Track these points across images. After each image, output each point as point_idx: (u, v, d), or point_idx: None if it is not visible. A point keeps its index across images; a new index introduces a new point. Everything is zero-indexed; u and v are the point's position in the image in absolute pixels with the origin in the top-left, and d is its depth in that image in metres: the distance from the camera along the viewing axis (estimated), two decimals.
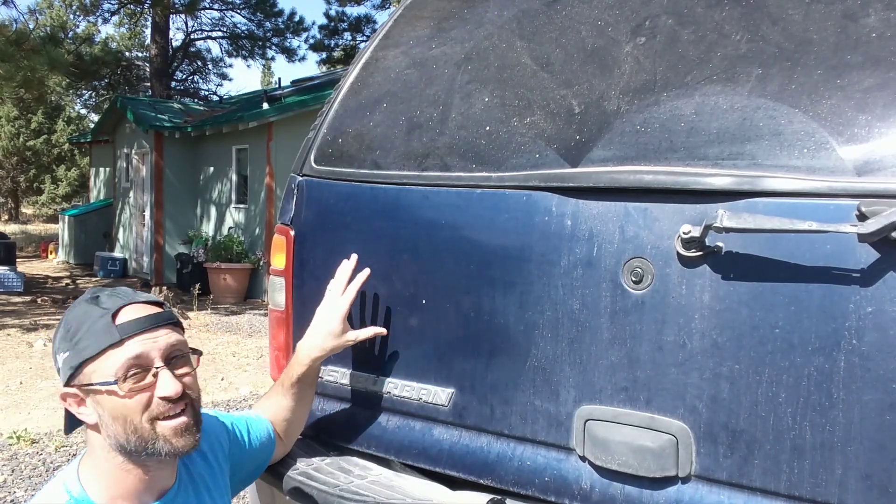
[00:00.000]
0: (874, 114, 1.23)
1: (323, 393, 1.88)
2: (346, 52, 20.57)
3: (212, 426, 1.62)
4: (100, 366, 1.32)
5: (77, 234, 15.38)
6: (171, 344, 1.36)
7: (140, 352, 1.32)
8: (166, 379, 1.33)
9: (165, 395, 1.32)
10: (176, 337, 1.38)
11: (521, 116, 1.60)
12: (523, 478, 1.54)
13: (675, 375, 1.36)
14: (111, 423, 1.32)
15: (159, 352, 1.34)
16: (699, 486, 1.35)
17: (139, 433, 1.31)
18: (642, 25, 1.52)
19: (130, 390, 1.31)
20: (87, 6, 18.21)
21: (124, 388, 1.30)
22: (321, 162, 1.90)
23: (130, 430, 1.31)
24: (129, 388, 1.31)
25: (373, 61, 1.96)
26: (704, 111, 1.37)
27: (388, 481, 1.70)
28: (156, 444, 1.32)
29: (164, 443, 1.32)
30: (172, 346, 1.36)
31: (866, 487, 1.20)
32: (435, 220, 1.67)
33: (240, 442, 1.66)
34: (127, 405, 1.31)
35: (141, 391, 1.31)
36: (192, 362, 1.41)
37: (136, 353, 1.32)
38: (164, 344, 1.35)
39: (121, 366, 1.30)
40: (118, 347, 1.31)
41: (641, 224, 1.39)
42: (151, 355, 1.33)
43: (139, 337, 1.33)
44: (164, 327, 1.37)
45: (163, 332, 1.36)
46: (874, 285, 1.19)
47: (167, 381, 1.32)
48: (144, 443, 1.32)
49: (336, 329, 1.71)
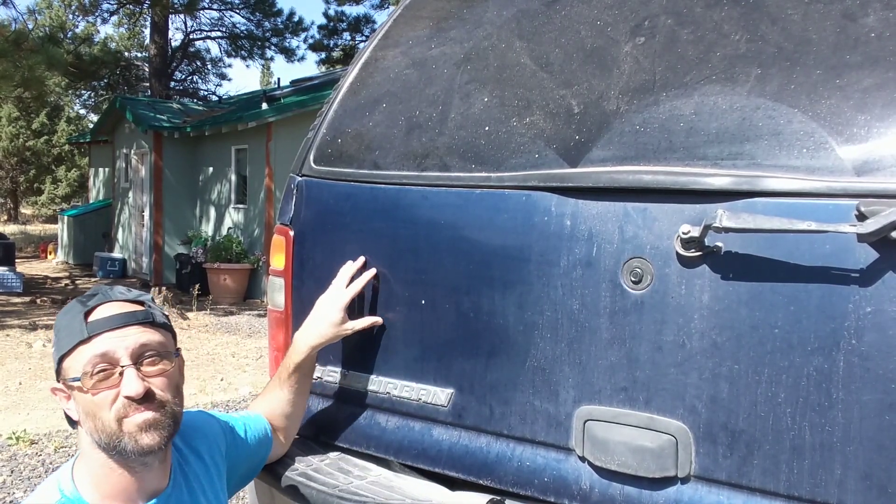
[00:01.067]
0: (873, 114, 1.23)
1: (322, 393, 1.88)
2: (345, 52, 20.58)
3: (208, 426, 1.62)
4: (72, 362, 1.33)
5: (76, 235, 15.38)
6: (142, 343, 1.35)
7: (106, 349, 1.32)
8: (130, 378, 1.31)
9: (128, 394, 1.31)
10: (148, 337, 1.37)
11: (521, 116, 1.60)
12: (523, 478, 1.54)
13: (675, 376, 1.36)
14: (85, 419, 1.34)
15: (127, 350, 1.33)
16: (698, 486, 1.35)
17: (107, 431, 1.31)
18: (641, 25, 1.52)
19: (95, 387, 1.31)
20: (86, 6, 18.22)
21: (88, 385, 1.31)
22: (320, 162, 1.90)
23: (100, 428, 1.32)
24: (93, 385, 1.31)
25: (372, 61, 1.96)
26: (704, 111, 1.37)
27: (387, 482, 1.70)
28: (122, 441, 1.31)
29: (129, 439, 1.31)
30: (143, 346, 1.35)
31: (865, 487, 1.20)
32: (434, 220, 1.67)
33: (237, 441, 1.66)
34: (95, 402, 1.31)
35: (106, 388, 1.31)
36: (171, 363, 1.39)
37: (101, 350, 1.32)
38: (134, 343, 1.34)
39: (87, 362, 1.31)
40: (87, 344, 1.32)
41: (641, 224, 1.39)
42: (118, 353, 1.32)
43: (107, 334, 1.33)
44: (137, 326, 1.36)
45: (134, 331, 1.35)
46: (873, 285, 1.19)
47: (131, 380, 1.31)
48: (112, 440, 1.31)
49: (336, 318, 1.71)
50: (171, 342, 1.43)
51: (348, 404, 1.84)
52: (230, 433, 1.66)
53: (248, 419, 1.72)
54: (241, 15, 20.68)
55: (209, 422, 1.63)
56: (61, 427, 4.85)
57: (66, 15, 19.87)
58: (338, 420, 1.85)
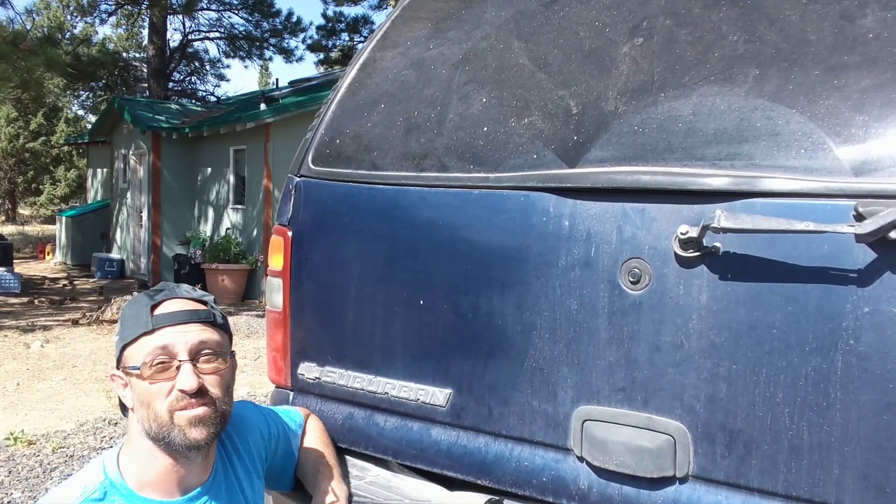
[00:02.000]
0: (871, 114, 1.23)
1: (321, 394, 1.88)
2: (343, 52, 20.56)
3: (253, 419, 1.65)
4: (134, 351, 1.40)
5: (74, 235, 15.35)
6: (201, 340, 1.41)
7: (167, 342, 1.38)
8: (186, 373, 1.37)
9: (182, 387, 1.37)
10: (208, 335, 1.43)
11: (519, 117, 1.60)
12: (521, 478, 1.54)
13: (673, 376, 1.36)
14: (139, 407, 1.39)
15: (186, 346, 1.39)
16: (697, 486, 1.36)
17: (158, 420, 1.37)
18: (640, 26, 1.52)
19: (153, 377, 1.37)
20: (84, 7, 18.19)
21: (147, 374, 1.37)
22: (319, 163, 1.90)
23: (152, 417, 1.37)
24: (151, 374, 1.37)
25: (370, 62, 1.96)
26: (702, 112, 1.38)
27: (385, 482, 1.70)
28: (172, 433, 1.36)
29: (178, 432, 1.36)
30: (202, 343, 1.41)
31: (863, 487, 1.21)
32: (433, 220, 1.67)
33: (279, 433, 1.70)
34: (150, 391, 1.37)
35: (163, 380, 1.37)
36: (225, 363, 1.45)
37: (163, 343, 1.38)
38: (194, 339, 1.40)
39: (148, 352, 1.38)
40: (150, 335, 1.39)
41: (639, 224, 1.39)
42: (177, 348, 1.38)
43: (170, 328, 1.40)
44: (199, 324, 1.43)
45: (195, 328, 1.42)
46: (871, 285, 1.20)
47: (187, 375, 1.37)
48: (162, 430, 1.37)
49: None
50: (228, 343, 1.49)
51: (347, 404, 1.84)
52: (275, 425, 1.69)
53: (290, 414, 1.77)
54: (240, 15, 20.66)
55: (255, 414, 1.67)
56: (59, 428, 4.85)
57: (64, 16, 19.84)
58: (336, 420, 1.85)
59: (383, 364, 1.76)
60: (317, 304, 1.87)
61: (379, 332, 1.76)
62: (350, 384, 1.81)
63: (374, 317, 1.76)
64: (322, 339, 1.87)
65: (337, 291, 1.83)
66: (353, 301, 1.79)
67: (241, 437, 1.60)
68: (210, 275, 11.30)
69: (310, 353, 1.89)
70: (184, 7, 18.47)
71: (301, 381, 1.91)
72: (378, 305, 1.76)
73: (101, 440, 4.62)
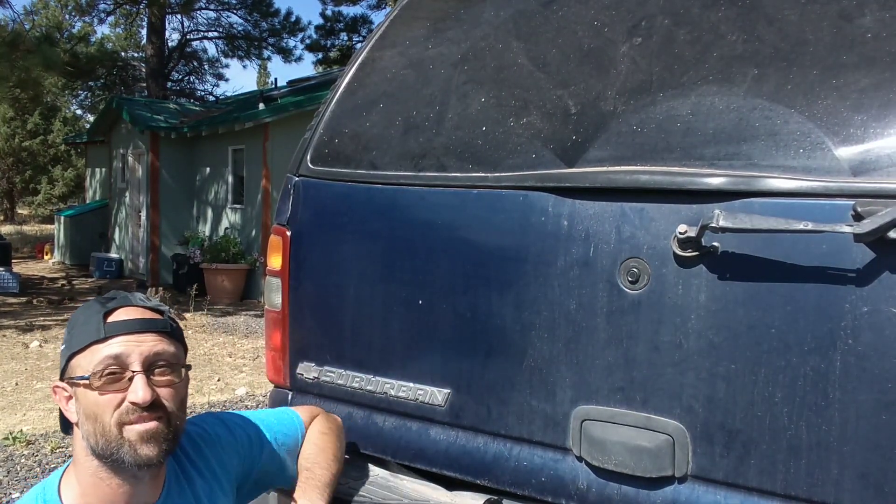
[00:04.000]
0: (870, 114, 1.23)
1: (320, 393, 1.88)
2: (342, 52, 20.56)
3: (217, 433, 1.56)
4: (82, 360, 1.32)
5: (73, 235, 15.34)
6: (156, 352, 1.34)
7: (120, 352, 1.31)
8: (139, 384, 1.30)
9: (134, 400, 1.29)
10: (163, 347, 1.36)
11: (518, 117, 1.60)
12: (520, 478, 1.54)
13: (672, 375, 1.36)
14: (84, 421, 1.32)
15: (140, 356, 1.32)
16: (696, 485, 1.36)
17: (106, 435, 1.29)
18: (638, 26, 1.52)
19: (102, 387, 1.29)
20: (82, 6, 18.18)
21: (97, 384, 1.29)
22: (317, 162, 1.90)
23: (99, 431, 1.30)
24: (101, 385, 1.29)
25: (369, 62, 1.96)
26: (700, 111, 1.38)
27: (384, 482, 1.70)
28: (121, 449, 1.29)
29: (128, 448, 1.29)
30: (156, 355, 1.34)
31: (862, 487, 1.21)
32: (431, 220, 1.67)
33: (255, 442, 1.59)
34: (99, 403, 1.30)
35: (113, 391, 1.30)
36: (180, 377, 1.38)
37: (115, 352, 1.31)
38: (148, 350, 1.33)
39: (99, 361, 1.30)
40: (102, 344, 1.32)
41: (638, 224, 1.39)
42: (131, 358, 1.31)
43: (124, 337, 1.32)
44: (155, 334, 1.36)
45: (150, 339, 1.34)
46: (870, 285, 1.20)
47: (139, 387, 1.30)
48: (110, 446, 1.29)
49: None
50: (183, 356, 1.42)
51: (346, 404, 1.84)
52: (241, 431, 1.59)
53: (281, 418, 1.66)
54: (239, 15, 20.66)
55: (215, 426, 1.58)
56: (58, 427, 4.84)
57: (62, 15, 19.84)
58: None
59: (382, 364, 1.76)
60: (316, 304, 1.87)
61: (378, 331, 1.76)
62: (349, 384, 1.81)
63: (373, 316, 1.76)
64: (321, 338, 1.87)
65: (336, 291, 1.83)
66: (351, 301, 1.79)
67: (199, 453, 1.51)
68: (209, 275, 11.29)
69: (309, 353, 1.89)
70: (182, 6, 18.46)
71: (300, 381, 1.91)
72: (377, 305, 1.76)
73: None
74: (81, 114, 29.62)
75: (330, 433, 1.68)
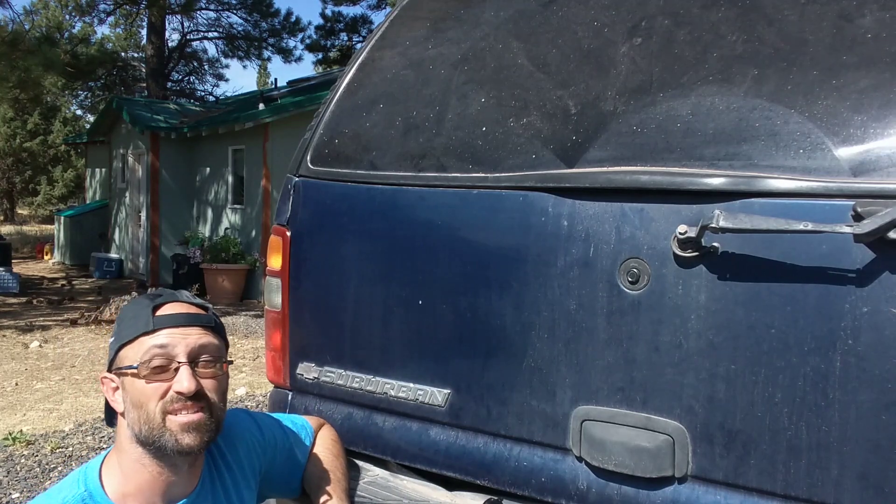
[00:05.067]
0: (870, 114, 1.23)
1: (319, 394, 1.88)
2: (342, 52, 20.56)
3: (246, 428, 1.61)
4: (131, 351, 1.38)
5: (73, 235, 15.34)
6: (201, 345, 1.40)
7: (167, 342, 1.37)
8: (184, 375, 1.36)
9: (180, 389, 1.35)
10: (208, 340, 1.42)
11: (518, 117, 1.60)
12: (520, 478, 1.54)
13: (672, 376, 1.36)
14: (131, 409, 1.37)
15: (186, 348, 1.38)
16: (695, 486, 1.36)
17: (150, 423, 1.34)
18: (638, 26, 1.52)
19: (149, 376, 1.35)
20: (82, 7, 18.18)
21: (144, 373, 1.35)
22: (317, 163, 1.90)
23: (144, 419, 1.35)
24: (148, 374, 1.35)
25: (369, 62, 1.96)
26: (700, 112, 1.38)
27: (384, 482, 1.70)
28: (163, 437, 1.34)
29: (170, 437, 1.34)
30: (201, 347, 1.40)
31: (862, 487, 1.21)
32: (431, 220, 1.67)
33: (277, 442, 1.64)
34: (145, 392, 1.35)
35: (160, 381, 1.35)
36: (222, 369, 1.43)
37: (162, 342, 1.37)
38: (194, 343, 1.39)
39: (146, 351, 1.36)
40: (150, 336, 1.38)
41: (638, 224, 1.39)
42: (177, 349, 1.37)
43: (171, 330, 1.39)
44: (200, 328, 1.42)
45: (196, 332, 1.41)
46: (870, 285, 1.20)
47: (184, 377, 1.35)
48: (153, 433, 1.34)
49: None
50: (225, 351, 1.47)
51: (345, 404, 1.84)
52: (269, 432, 1.64)
53: (296, 420, 1.71)
54: (239, 15, 20.65)
55: (247, 422, 1.63)
56: (58, 428, 4.85)
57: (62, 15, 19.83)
58: (335, 420, 1.85)
59: (382, 364, 1.76)
60: (315, 304, 1.87)
61: (378, 331, 1.76)
62: (349, 384, 1.81)
63: (373, 317, 1.76)
64: (321, 338, 1.87)
65: (336, 291, 1.83)
66: (351, 301, 1.79)
67: (230, 447, 1.56)
68: (209, 275, 11.29)
69: (308, 353, 1.89)
70: (182, 7, 18.46)
71: (300, 381, 1.91)
72: (377, 305, 1.76)
73: (99, 440, 4.62)
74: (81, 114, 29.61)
75: (339, 443, 1.75)
